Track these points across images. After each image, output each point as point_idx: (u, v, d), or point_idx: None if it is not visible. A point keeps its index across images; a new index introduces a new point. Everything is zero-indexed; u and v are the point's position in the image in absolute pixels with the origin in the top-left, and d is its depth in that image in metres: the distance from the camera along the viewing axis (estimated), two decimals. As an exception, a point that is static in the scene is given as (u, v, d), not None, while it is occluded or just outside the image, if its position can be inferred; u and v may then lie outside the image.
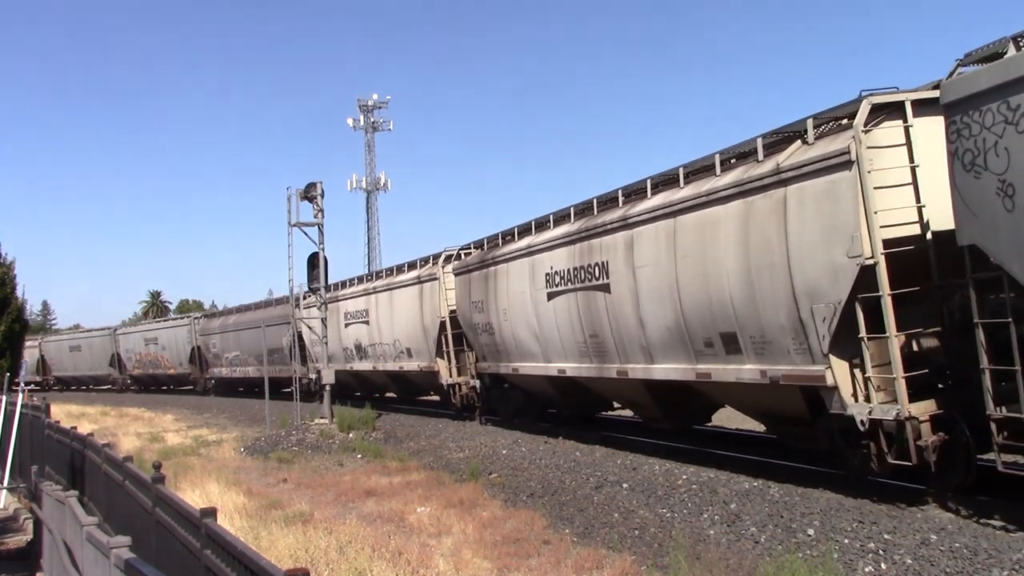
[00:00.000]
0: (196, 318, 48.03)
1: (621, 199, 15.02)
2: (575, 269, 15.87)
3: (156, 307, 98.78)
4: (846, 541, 8.75)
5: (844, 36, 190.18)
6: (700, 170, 13.15)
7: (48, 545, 9.55)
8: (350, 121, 74.30)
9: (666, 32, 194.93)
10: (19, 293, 28.12)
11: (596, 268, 15.10)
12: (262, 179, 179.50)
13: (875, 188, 9.69)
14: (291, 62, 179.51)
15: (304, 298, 32.58)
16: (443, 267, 23.30)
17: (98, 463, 10.33)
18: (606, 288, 14.78)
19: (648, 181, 14.23)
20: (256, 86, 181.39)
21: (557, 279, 16.57)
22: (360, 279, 30.28)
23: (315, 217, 23.87)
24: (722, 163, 12.52)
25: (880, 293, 9.59)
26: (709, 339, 12.42)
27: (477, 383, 22.09)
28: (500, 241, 20.21)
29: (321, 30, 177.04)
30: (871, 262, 9.62)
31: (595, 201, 15.99)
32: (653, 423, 16.13)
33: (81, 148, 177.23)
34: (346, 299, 30.11)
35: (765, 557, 8.62)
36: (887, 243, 9.68)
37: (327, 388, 23.85)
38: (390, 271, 27.96)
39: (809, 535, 9.16)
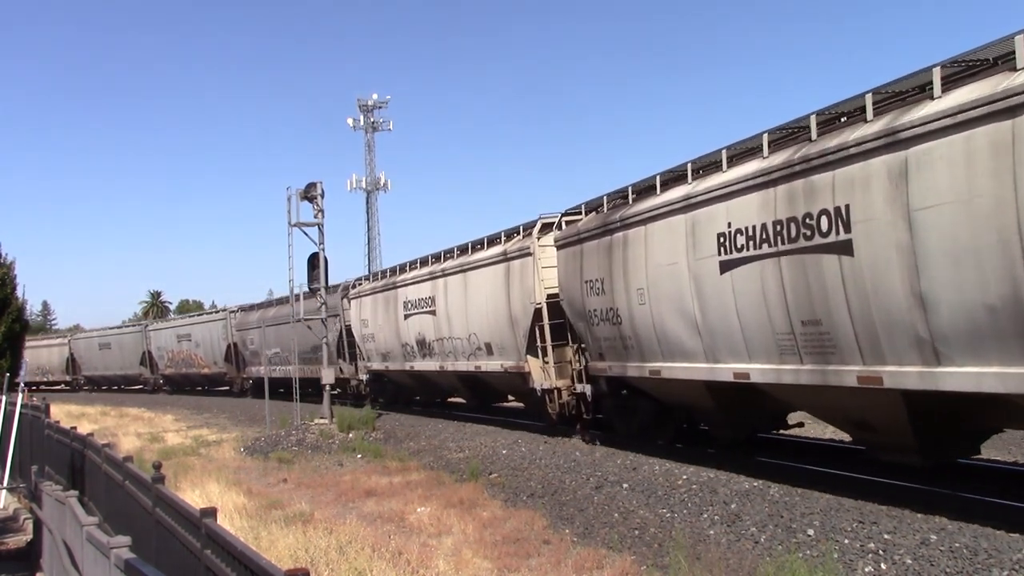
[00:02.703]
0: (232, 312, 43.77)
1: (871, 107, 9.82)
2: (776, 223, 10.85)
3: (156, 307, 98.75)
4: (846, 541, 8.75)
5: (844, 36, 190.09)
6: None
7: (48, 545, 9.55)
8: (350, 121, 74.21)
9: (666, 32, 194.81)
10: (19, 293, 28.21)
11: (823, 219, 10.08)
12: (262, 179, 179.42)
13: None
14: (291, 62, 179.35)
15: (354, 287, 30.09)
16: (538, 239, 18.32)
17: (98, 463, 10.32)
18: (843, 248, 9.81)
19: (936, 70, 9.02)
20: (256, 86, 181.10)
21: (740, 241, 11.54)
22: (424, 261, 25.03)
23: (315, 217, 23.91)
24: None
25: None
26: None
27: (587, 389, 16.94)
28: (630, 197, 14.98)
29: (321, 30, 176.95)
30: None
31: (813, 118, 10.68)
32: (887, 454, 10.88)
33: (81, 148, 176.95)
34: (405, 285, 25.35)
35: (765, 557, 8.62)
36: None
37: (327, 388, 23.86)
38: (463, 249, 22.56)
39: (809, 535, 9.16)
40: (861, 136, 9.60)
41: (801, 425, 14.51)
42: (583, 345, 16.96)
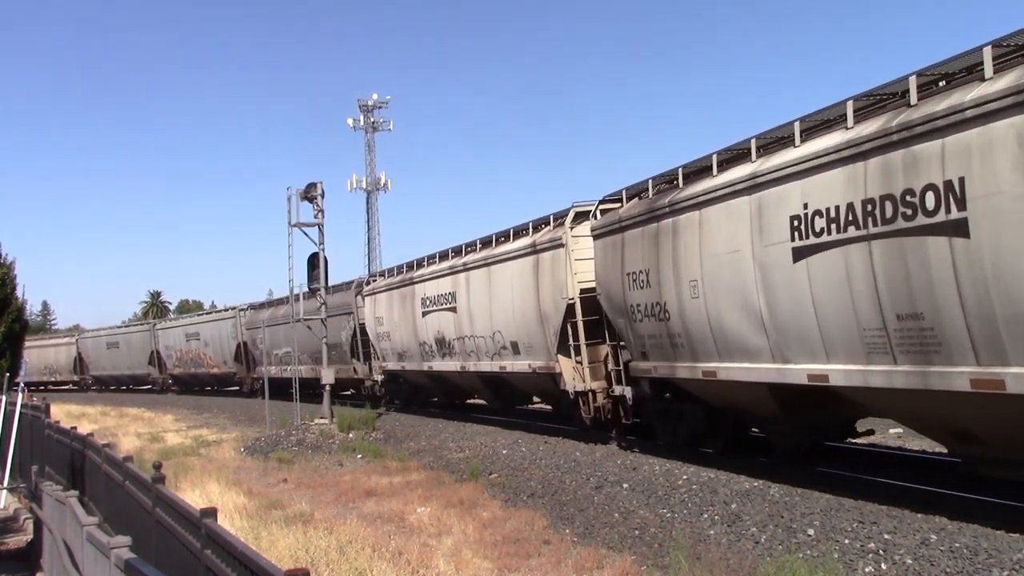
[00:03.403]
0: (242, 310, 42.34)
1: (990, 63, 8.36)
2: (867, 203, 9.37)
3: (156, 307, 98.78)
4: (846, 541, 8.75)
5: (844, 36, 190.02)
6: None
7: (48, 545, 9.55)
8: (350, 121, 74.15)
9: (666, 32, 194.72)
10: (19, 293, 28.23)
11: (928, 195, 8.61)
12: (262, 179, 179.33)
13: None
14: (291, 62, 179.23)
15: (369, 283, 29.40)
16: (571, 228, 16.93)
17: (98, 463, 10.32)
18: (956, 228, 8.35)
19: None
20: (256, 86, 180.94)
21: (819, 224, 10.08)
22: (443, 255, 23.61)
23: (315, 217, 23.92)
24: None
25: None
26: None
27: (627, 391, 15.30)
28: (680, 180, 13.42)
29: (321, 30, 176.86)
30: None
31: (913, 79, 9.17)
32: (991, 469, 9.42)
33: (81, 148, 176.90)
34: (424, 281, 24.07)
35: (765, 557, 8.62)
36: None
37: (327, 388, 23.85)
38: (486, 241, 21.15)
39: (809, 535, 9.16)
40: (980, 96, 8.14)
41: (871, 433, 13.37)
42: (621, 343, 15.47)
